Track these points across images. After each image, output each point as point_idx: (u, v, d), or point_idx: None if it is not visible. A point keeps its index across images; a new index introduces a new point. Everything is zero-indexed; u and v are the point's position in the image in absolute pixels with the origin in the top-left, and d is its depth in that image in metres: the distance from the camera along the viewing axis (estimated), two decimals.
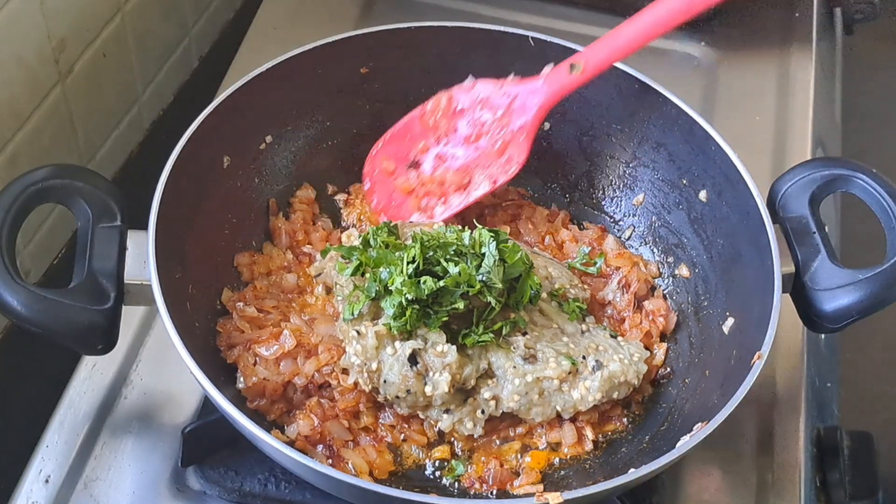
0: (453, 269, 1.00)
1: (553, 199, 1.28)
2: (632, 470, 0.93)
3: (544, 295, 1.09)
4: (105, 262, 0.98)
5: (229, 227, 1.16)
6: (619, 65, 1.19)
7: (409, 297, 0.99)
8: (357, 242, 1.09)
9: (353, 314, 1.03)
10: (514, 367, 1.02)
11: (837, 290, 1.01)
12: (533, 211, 1.25)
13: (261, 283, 1.14)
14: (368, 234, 1.08)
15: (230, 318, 1.10)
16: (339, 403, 1.04)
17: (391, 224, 1.10)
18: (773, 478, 1.12)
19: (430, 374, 1.01)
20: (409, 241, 1.05)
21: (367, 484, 0.90)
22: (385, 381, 1.01)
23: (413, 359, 1.01)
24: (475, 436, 1.04)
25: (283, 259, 1.17)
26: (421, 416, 1.05)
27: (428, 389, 1.00)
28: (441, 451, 1.05)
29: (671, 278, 1.20)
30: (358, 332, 1.02)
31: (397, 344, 1.02)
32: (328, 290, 1.13)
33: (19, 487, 1.05)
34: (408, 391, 1.00)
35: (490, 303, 1.01)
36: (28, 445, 1.08)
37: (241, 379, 1.05)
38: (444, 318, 1.01)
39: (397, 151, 1.21)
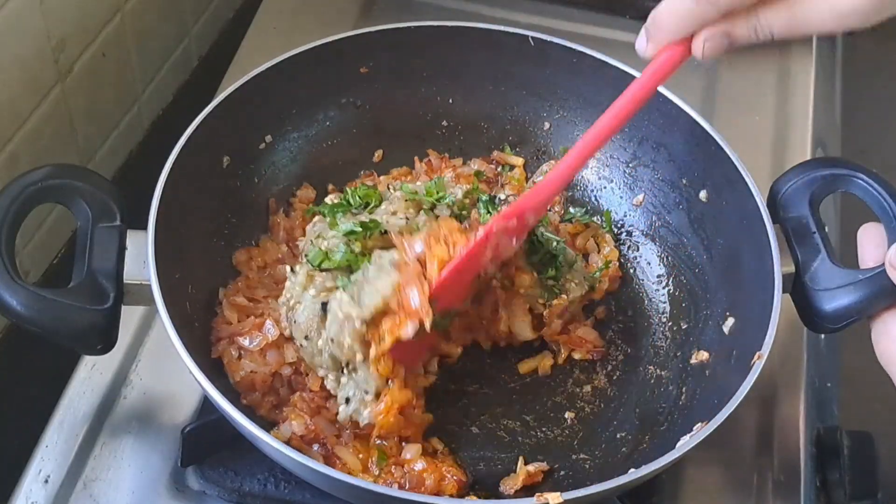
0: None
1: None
2: (632, 470, 0.93)
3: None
4: (105, 262, 0.98)
5: (229, 227, 1.16)
6: (619, 65, 1.19)
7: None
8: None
9: (313, 263, 1.03)
10: None
11: (837, 290, 1.01)
12: None
13: (254, 275, 1.14)
14: (347, 193, 1.11)
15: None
16: (311, 390, 1.05)
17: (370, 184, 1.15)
18: (773, 478, 1.12)
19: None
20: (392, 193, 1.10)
21: (366, 484, 0.90)
22: (295, 322, 1.01)
23: (325, 307, 1.00)
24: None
25: (277, 251, 1.16)
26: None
27: (320, 342, 1.00)
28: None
29: (671, 278, 1.20)
30: (292, 270, 1.03)
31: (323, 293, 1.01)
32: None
33: (19, 487, 1.05)
34: (306, 337, 1.00)
35: None
36: (28, 445, 1.08)
37: (229, 375, 1.05)
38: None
39: None
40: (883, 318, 0.99)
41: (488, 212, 1.16)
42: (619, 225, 1.25)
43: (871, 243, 1.01)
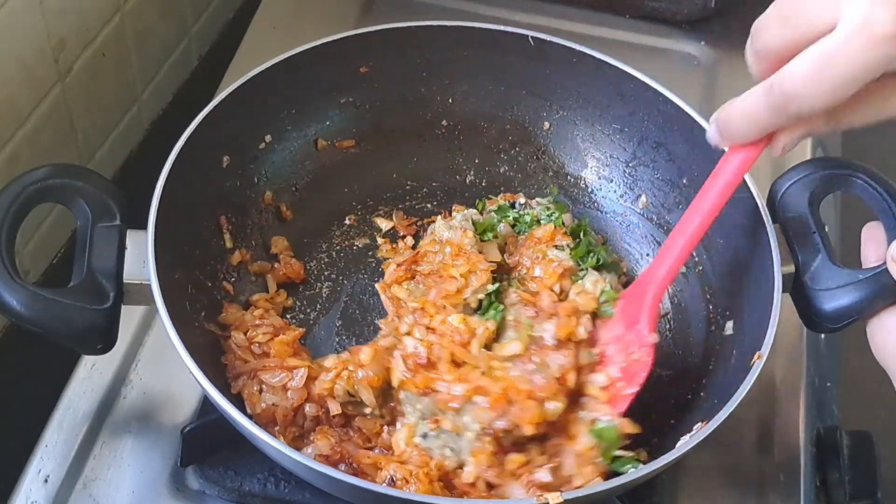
0: None
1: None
2: (632, 470, 0.93)
3: None
4: (104, 262, 0.98)
5: (229, 227, 1.16)
6: (619, 64, 1.19)
7: None
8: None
9: None
10: None
11: (837, 290, 1.01)
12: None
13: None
14: None
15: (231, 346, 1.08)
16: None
17: None
18: (773, 478, 1.12)
19: None
20: None
21: (367, 484, 0.90)
22: None
23: None
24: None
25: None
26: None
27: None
28: None
29: None
30: None
31: None
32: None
33: (19, 487, 1.05)
34: None
35: None
36: (27, 445, 1.08)
37: (248, 408, 1.03)
38: None
39: None
40: (879, 314, 0.99)
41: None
42: (618, 225, 1.25)
43: (873, 242, 1.01)
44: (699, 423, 0.96)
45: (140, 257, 0.99)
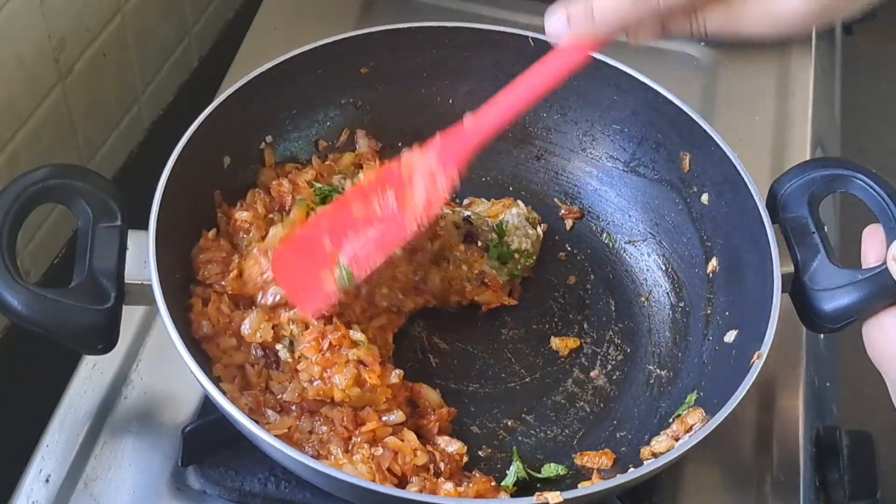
0: None
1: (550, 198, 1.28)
2: (631, 469, 0.93)
3: None
4: (105, 262, 0.98)
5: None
6: (618, 64, 1.20)
7: None
8: None
9: None
10: None
11: (837, 290, 1.01)
12: None
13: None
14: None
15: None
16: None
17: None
18: (773, 478, 1.12)
19: None
20: None
21: (367, 484, 0.90)
22: None
23: None
24: None
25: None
26: None
27: None
28: None
29: (671, 278, 1.20)
30: None
31: None
32: None
33: (19, 487, 1.05)
34: None
35: None
36: (28, 445, 1.08)
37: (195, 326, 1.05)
38: None
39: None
40: (877, 314, 0.99)
41: None
42: (618, 225, 1.26)
43: (873, 242, 1.02)
44: (699, 423, 0.96)
45: (141, 257, 0.99)
